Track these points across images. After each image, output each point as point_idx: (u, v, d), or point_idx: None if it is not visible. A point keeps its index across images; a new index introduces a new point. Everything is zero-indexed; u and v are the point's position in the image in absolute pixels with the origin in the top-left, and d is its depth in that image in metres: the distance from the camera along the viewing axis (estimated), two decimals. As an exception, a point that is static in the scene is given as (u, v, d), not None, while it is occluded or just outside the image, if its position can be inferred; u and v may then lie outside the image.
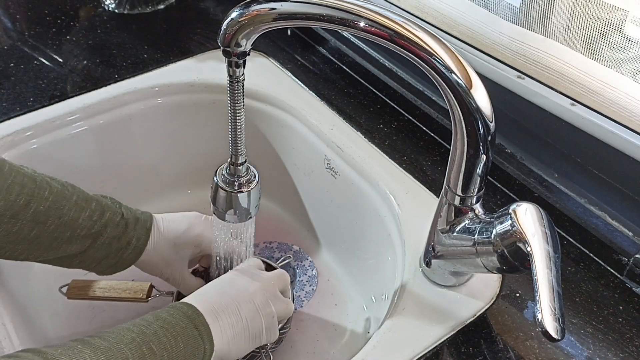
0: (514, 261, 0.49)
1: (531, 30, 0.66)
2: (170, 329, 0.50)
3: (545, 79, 0.65)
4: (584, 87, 0.62)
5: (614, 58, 0.59)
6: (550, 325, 0.42)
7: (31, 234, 0.57)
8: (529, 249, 0.46)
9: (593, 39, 0.60)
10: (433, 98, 0.79)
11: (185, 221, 0.67)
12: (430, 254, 0.59)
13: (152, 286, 0.70)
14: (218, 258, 0.67)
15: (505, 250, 0.49)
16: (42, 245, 0.58)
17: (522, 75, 0.67)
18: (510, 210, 0.49)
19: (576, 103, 0.63)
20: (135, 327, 0.49)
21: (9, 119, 0.77)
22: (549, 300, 0.43)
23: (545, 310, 0.43)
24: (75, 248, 0.60)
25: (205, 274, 0.71)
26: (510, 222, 0.48)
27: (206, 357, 0.52)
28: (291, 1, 0.47)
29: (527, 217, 0.48)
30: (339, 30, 0.75)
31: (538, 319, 0.43)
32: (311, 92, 0.85)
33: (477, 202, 0.54)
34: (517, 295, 0.60)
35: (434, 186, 0.71)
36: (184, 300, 0.55)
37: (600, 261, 0.64)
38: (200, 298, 0.56)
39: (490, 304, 0.59)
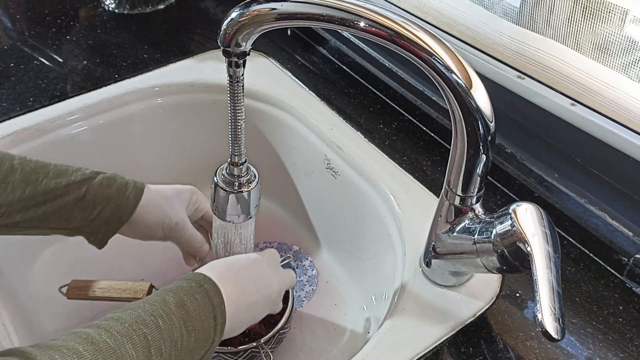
0: (514, 261, 0.49)
1: (532, 30, 0.66)
2: (185, 307, 0.49)
3: (546, 79, 0.65)
4: (584, 87, 0.62)
5: (615, 58, 0.59)
6: (550, 325, 0.42)
7: (25, 192, 0.57)
8: (529, 249, 0.46)
9: (593, 38, 0.60)
10: (433, 98, 0.79)
11: (173, 185, 0.69)
12: (430, 254, 0.59)
13: (152, 286, 0.69)
14: (218, 258, 0.67)
15: (505, 250, 0.49)
16: (38, 200, 0.58)
17: (522, 75, 0.67)
18: (510, 210, 0.49)
19: (576, 103, 0.63)
20: (150, 317, 0.48)
21: (9, 119, 0.77)
22: (549, 300, 0.43)
23: (545, 310, 0.43)
24: (73, 195, 0.59)
25: None
26: (510, 222, 0.48)
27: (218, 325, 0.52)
28: (291, 1, 0.47)
29: (527, 217, 0.48)
30: (339, 30, 0.75)
31: (538, 319, 0.43)
32: (311, 92, 0.85)
33: (477, 202, 0.54)
34: (517, 295, 0.60)
35: (434, 186, 0.71)
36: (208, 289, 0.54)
37: (600, 261, 0.64)
38: (214, 269, 0.56)
39: (490, 304, 0.59)
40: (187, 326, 0.48)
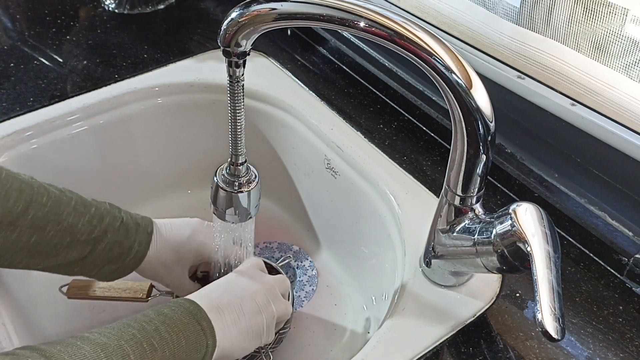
0: (514, 261, 0.49)
1: (532, 30, 0.66)
2: (172, 325, 0.50)
3: (546, 79, 0.66)
4: (584, 88, 0.62)
5: (616, 58, 0.59)
6: (550, 325, 0.42)
7: (30, 241, 0.56)
8: (529, 249, 0.46)
9: (593, 38, 0.60)
10: (433, 98, 0.79)
11: (187, 228, 0.66)
12: (430, 254, 0.59)
13: (152, 286, 0.70)
14: (218, 258, 0.67)
15: (505, 250, 0.49)
16: (42, 252, 0.58)
17: (522, 76, 0.67)
18: (510, 210, 0.49)
19: (576, 103, 0.63)
20: (136, 323, 0.49)
21: (9, 119, 0.77)
22: (549, 300, 0.43)
23: (545, 310, 0.43)
24: (76, 254, 0.59)
25: (204, 280, 0.71)
26: (510, 222, 0.48)
27: (208, 354, 0.52)
28: (291, 1, 0.47)
29: (527, 217, 0.48)
30: (339, 30, 0.75)
31: (538, 319, 0.43)
32: (311, 92, 0.85)
33: (477, 202, 0.54)
34: (517, 295, 0.60)
35: (434, 186, 0.71)
36: (186, 297, 0.55)
37: (600, 261, 0.64)
38: (203, 295, 0.56)
39: (490, 304, 0.59)
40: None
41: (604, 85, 0.61)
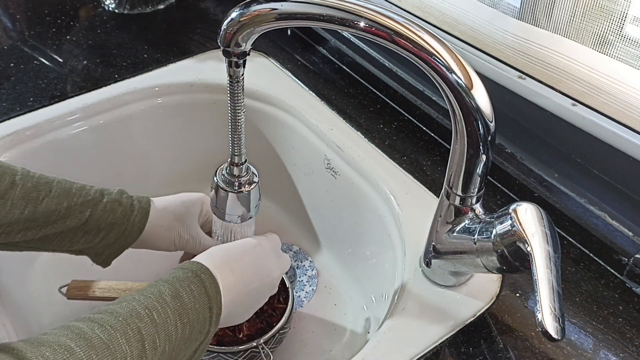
0: (514, 261, 0.49)
1: (535, 25, 0.65)
2: (181, 314, 0.48)
3: (548, 77, 0.65)
4: (588, 85, 0.62)
5: (621, 50, 0.59)
6: (550, 325, 0.42)
7: (25, 212, 0.55)
8: (529, 249, 0.46)
9: (598, 30, 0.60)
10: (433, 98, 0.79)
11: (183, 193, 0.66)
12: (430, 254, 0.59)
13: None
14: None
15: (505, 250, 0.49)
16: (39, 222, 0.56)
17: (523, 76, 0.67)
18: (510, 210, 0.49)
19: (577, 103, 0.63)
20: (144, 311, 0.46)
21: (9, 119, 0.77)
22: (549, 300, 0.43)
23: (545, 310, 0.43)
24: (75, 220, 0.57)
25: None
26: (510, 222, 0.48)
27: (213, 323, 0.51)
28: (291, 1, 0.47)
29: (527, 217, 0.48)
30: (339, 30, 0.75)
31: (538, 319, 0.43)
32: (311, 92, 0.85)
33: (477, 202, 0.54)
34: (517, 295, 0.60)
35: (434, 186, 0.71)
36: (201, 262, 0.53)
37: (600, 261, 0.64)
38: (216, 257, 0.54)
39: (490, 304, 0.59)
40: (182, 318, 0.47)
41: (610, 80, 0.60)
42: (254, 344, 0.64)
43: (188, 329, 0.48)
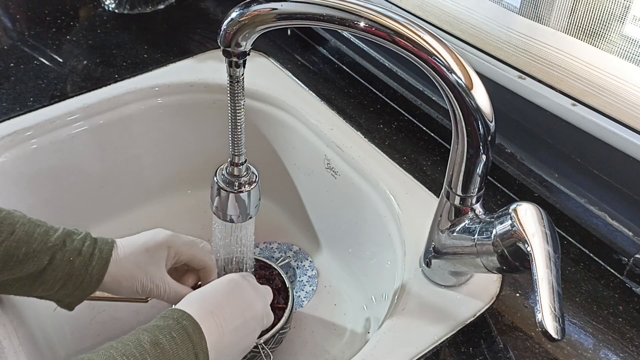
0: (514, 261, 0.49)
1: (536, 21, 0.65)
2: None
3: (549, 76, 0.65)
4: (589, 83, 0.62)
5: (622, 47, 0.59)
6: (550, 325, 0.42)
7: None
8: (529, 249, 0.46)
9: (599, 26, 0.60)
10: (433, 98, 0.79)
11: (147, 232, 0.62)
12: (430, 254, 0.59)
13: None
14: (218, 258, 0.67)
15: (505, 250, 0.49)
16: None
17: (523, 76, 0.67)
18: (510, 210, 0.49)
19: (577, 103, 0.63)
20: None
21: (9, 119, 0.77)
22: (549, 300, 0.43)
23: (545, 310, 0.43)
24: (33, 266, 0.55)
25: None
26: (510, 222, 0.48)
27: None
28: (291, 1, 0.47)
29: (527, 217, 0.48)
30: (339, 30, 0.75)
31: (538, 319, 0.43)
32: (311, 92, 0.85)
33: (477, 202, 0.54)
34: (517, 295, 0.60)
35: (434, 186, 0.71)
36: (182, 308, 0.52)
37: (600, 261, 0.64)
38: (198, 303, 0.53)
39: (490, 304, 0.59)
40: None
41: (612, 78, 0.60)
42: (254, 344, 0.64)
43: None
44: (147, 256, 0.60)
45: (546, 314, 0.43)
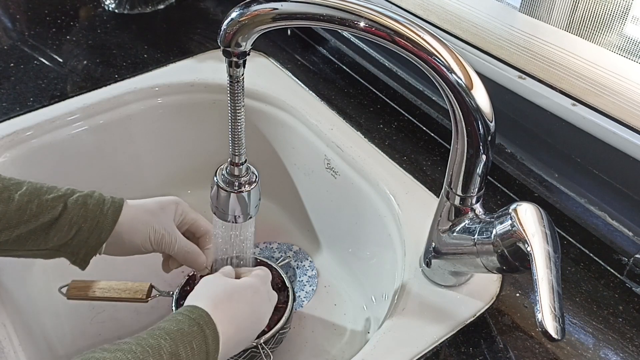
0: (514, 261, 0.49)
1: (537, 19, 0.65)
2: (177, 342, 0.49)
3: (550, 75, 0.65)
4: (591, 81, 0.62)
5: (624, 43, 0.59)
6: (550, 325, 0.42)
7: None
8: (529, 248, 0.46)
9: (600, 24, 0.60)
10: (433, 98, 0.79)
11: (155, 198, 0.65)
12: (430, 254, 0.59)
13: (151, 286, 0.69)
14: (218, 258, 0.67)
15: (505, 250, 0.49)
16: (11, 222, 0.56)
17: (523, 76, 0.67)
18: (510, 210, 0.49)
19: (577, 103, 0.63)
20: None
21: (9, 119, 0.77)
22: (549, 300, 0.43)
23: (546, 310, 0.43)
24: (48, 215, 0.56)
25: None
26: (510, 222, 0.48)
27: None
28: (291, 1, 0.47)
29: (527, 217, 0.48)
30: (339, 30, 0.75)
31: (538, 319, 0.43)
32: (311, 92, 0.85)
33: (477, 202, 0.54)
34: (517, 295, 0.60)
35: (434, 186, 0.71)
36: (198, 308, 0.53)
37: (600, 261, 0.64)
38: (213, 303, 0.54)
39: (490, 304, 0.59)
40: None
41: (613, 76, 0.60)
42: (254, 343, 0.64)
43: None
44: (158, 207, 0.63)
45: (546, 314, 0.43)
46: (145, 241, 0.61)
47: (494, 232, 0.50)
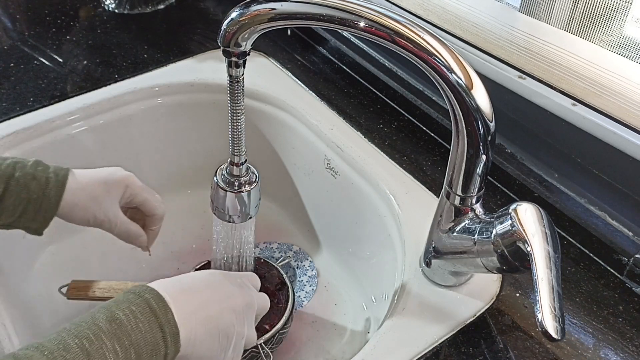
0: (514, 261, 0.49)
1: (537, 19, 0.65)
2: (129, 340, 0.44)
3: (551, 75, 0.65)
4: (591, 82, 0.62)
5: (624, 43, 0.59)
6: (550, 325, 0.42)
7: None
8: (529, 248, 0.46)
9: (600, 23, 0.60)
10: (433, 98, 0.79)
11: (106, 168, 0.63)
12: (430, 254, 0.59)
13: None
14: (218, 258, 0.67)
15: (505, 250, 0.49)
16: None
17: (523, 76, 0.67)
18: (510, 210, 0.49)
19: (577, 103, 0.63)
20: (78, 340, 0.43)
21: (9, 119, 0.77)
22: (549, 300, 0.43)
23: (546, 310, 0.43)
24: None
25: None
26: (510, 222, 0.48)
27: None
28: (291, 1, 0.47)
29: (527, 217, 0.48)
30: (339, 30, 0.75)
31: (538, 319, 0.43)
32: (311, 92, 0.85)
33: (477, 202, 0.54)
34: (517, 295, 0.60)
35: (434, 186, 0.71)
36: (156, 289, 0.48)
37: (600, 261, 0.64)
38: (174, 289, 0.49)
39: (490, 304, 0.59)
40: (122, 342, 0.43)
41: (614, 76, 0.60)
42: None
43: (133, 353, 0.44)
44: (104, 190, 0.61)
45: (546, 314, 0.43)
46: (86, 223, 0.62)
47: (494, 232, 0.50)
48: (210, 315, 0.50)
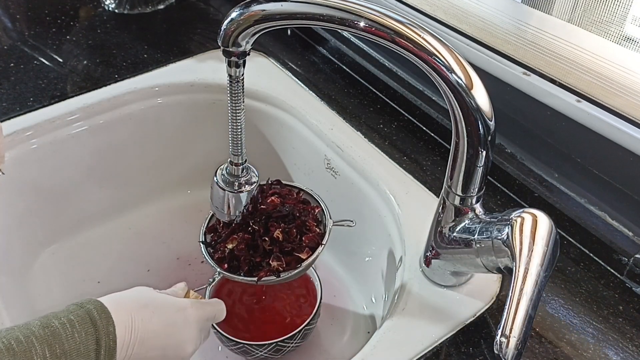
0: (504, 271, 0.48)
1: (540, 10, 0.65)
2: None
3: (557, 69, 0.64)
4: (597, 75, 0.61)
5: (628, 35, 0.58)
6: (504, 348, 0.41)
7: None
8: (514, 265, 0.45)
9: (604, 16, 0.60)
10: (433, 98, 0.79)
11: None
12: (430, 254, 0.59)
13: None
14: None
15: (496, 259, 0.49)
16: None
17: (528, 72, 0.66)
18: (511, 218, 0.48)
19: (582, 100, 0.62)
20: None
21: (9, 119, 0.77)
22: (511, 322, 0.42)
23: (506, 331, 0.42)
24: None
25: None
26: (507, 231, 0.47)
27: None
28: (291, 1, 0.47)
29: (524, 231, 0.46)
30: (339, 30, 0.75)
31: (495, 340, 0.41)
32: (311, 92, 0.85)
33: (477, 202, 0.54)
34: (517, 295, 0.60)
35: (434, 186, 0.71)
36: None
37: (600, 261, 0.64)
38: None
39: (490, 304, 0.59)
40: (53, 349, 0.42)
41: (618, 68, 0.60)
42: (280, 338, 0.64)
43: None
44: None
45: (505, 334, 0.41)
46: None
47: (493, 234, 0.50)
48: (152, 355, 0.48)
